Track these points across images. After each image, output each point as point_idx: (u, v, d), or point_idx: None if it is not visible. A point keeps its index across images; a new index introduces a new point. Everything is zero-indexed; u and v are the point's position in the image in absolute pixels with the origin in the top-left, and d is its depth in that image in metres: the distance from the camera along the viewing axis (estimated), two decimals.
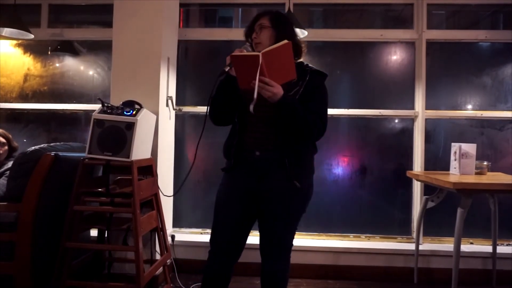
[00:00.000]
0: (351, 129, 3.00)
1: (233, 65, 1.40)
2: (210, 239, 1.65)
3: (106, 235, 2.31)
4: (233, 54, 1.40)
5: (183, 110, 3.01)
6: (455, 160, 2.50)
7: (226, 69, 1.46)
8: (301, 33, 2.69)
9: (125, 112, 2.06)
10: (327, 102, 1.62)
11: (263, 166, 1.56)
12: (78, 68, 3.19)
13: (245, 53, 1.43)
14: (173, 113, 2.88)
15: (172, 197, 2.91)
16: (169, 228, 2.87)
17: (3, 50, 3.22)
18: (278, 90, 1.41)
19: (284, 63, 1.42)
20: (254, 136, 1.57)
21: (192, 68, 3.13)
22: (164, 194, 2.38)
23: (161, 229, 2.33)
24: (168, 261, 2.43)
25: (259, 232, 1.65)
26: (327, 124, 1.59)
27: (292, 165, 1.54)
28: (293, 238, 1.65)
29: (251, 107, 1.39)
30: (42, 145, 2.15)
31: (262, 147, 1.56)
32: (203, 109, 2.99)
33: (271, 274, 1.64)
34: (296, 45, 1.60)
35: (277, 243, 1.62)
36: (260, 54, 1.34)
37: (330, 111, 1.65)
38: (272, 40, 1.55)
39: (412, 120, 2.95)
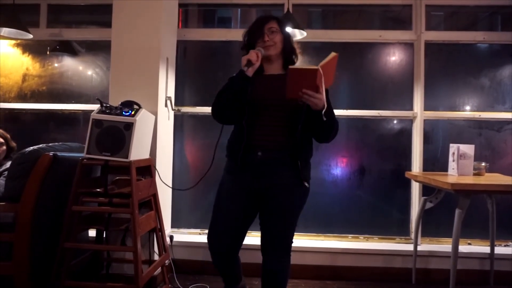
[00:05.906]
0: (349, 129, 3.00)
1: (289, 77, 1.44)
2: (209, 232, 1.73)
3: (104, 236, 2.31)
4: (291, 67, 1.45)
5: (182, 111, 3.01)
6: (453, 161, 2.50)
7: (245, 69, 1.53)
8: (300, 34, 2.69)
9: (123, 112, 2.06)
10: None
11: (267, 165, 1.61)
12: (77, 68, 3.18)
13: (304, 66, 1.49)
14: (172, 113, 2.88)
15: (171, 198, 2.91)
16: (168, 229, 2.87)
17: (2, 50, 3.21)
18: (323, 98, 1.48)
19: (329, 73, 1.51)
20: (259, 139, 1.62)
21: (191, 68, 3.13)
22: (174, 188, 2.39)
23: (159, 230, 2.33)
24: (167, 261, 2.43)
25: (261, 230, 1.69)
26: None
27: (303, 166, 1.61)
28: (293, 235, 1.70)
29: (324, 117, 1.47)
30: (41, 145, 2.15)
31: (264, 148, 1.61)
32: (202, 109, 2.99)
33: (273, 272, 1.66)
34: (293, 47, 1.72)
35: (281, 240, 1.65)
36: (319, 68, 1.42)
37: None
38: (282, 42, 1.67)
39: (410, 121, 2.95)
